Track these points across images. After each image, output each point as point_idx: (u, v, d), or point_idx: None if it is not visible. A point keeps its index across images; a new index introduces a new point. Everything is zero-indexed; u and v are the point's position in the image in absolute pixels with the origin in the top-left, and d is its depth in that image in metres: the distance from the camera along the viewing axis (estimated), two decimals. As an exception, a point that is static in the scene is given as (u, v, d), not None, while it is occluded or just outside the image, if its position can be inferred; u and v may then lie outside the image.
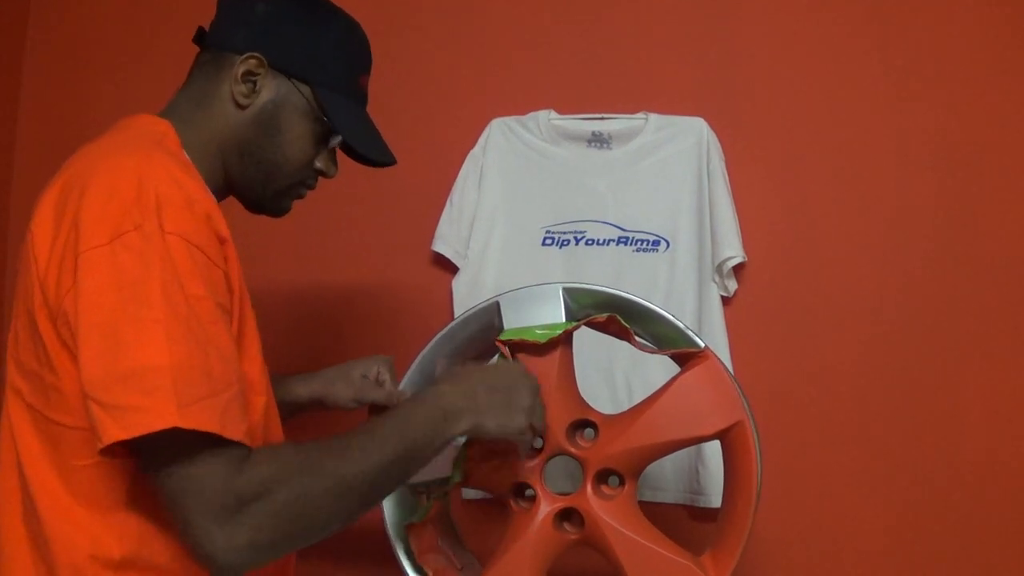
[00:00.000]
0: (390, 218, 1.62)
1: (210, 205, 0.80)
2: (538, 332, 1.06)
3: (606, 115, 1.54)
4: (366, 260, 1.62)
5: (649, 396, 1.09)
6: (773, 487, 1.32)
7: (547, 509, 1.06)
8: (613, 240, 1.50)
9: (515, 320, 1.09)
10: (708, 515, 1.45)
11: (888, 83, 1.52)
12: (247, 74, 0.91)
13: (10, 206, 1.73)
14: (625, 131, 1.52)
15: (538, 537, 1.06)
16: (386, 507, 1.12)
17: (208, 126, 0.91)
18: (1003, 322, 1.45)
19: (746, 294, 1.50)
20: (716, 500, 1.40)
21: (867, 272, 1.49)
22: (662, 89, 1.56)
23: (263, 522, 0.73)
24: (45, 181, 0.83)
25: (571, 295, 1.10)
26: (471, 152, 1.56)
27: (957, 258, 1.47)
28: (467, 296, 1.50)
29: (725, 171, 1.49)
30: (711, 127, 1.50)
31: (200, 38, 0.96)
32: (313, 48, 0.94)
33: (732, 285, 1.48)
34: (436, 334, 1.14)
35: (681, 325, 1.08)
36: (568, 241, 1.51)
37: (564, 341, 1.07)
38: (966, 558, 1.42)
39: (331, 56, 0.95)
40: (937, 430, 1.44)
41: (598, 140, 1.53)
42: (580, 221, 1.51)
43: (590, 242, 1.50)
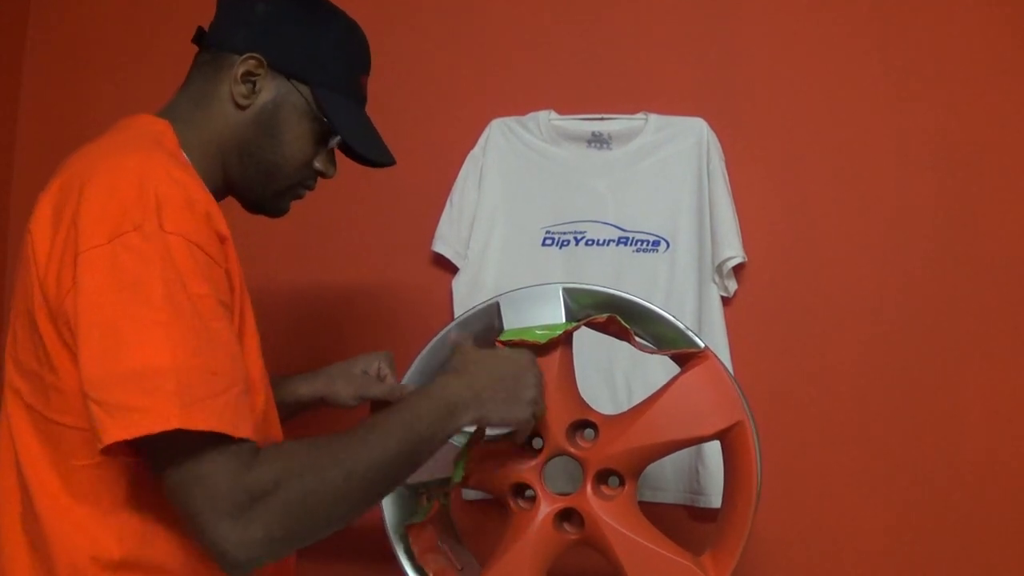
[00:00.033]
0: (390, 218, 1.62)
1: (210, 204, 0.80)
2: (538, 332, 1.06)
3: (606, 115, 1.53)
4: (366, 260, 1.62)
5: (649, 396, 1.09)
6: (773, 487, 1.32)
7: (547, 509, 1.06)
8: (613, 240, 1.50)
9: (515, 320, 1.09)
10: (708, 515, 1.45)
11: (888, 83, 1.52)
12: (247, 74, 0.91)
13: (10, 206, 1.73)
14: (625, 131, 1.52)
15: (538, 537, 1.06)
16: (386, 507, 1.12)
17: (207, 126, 0.91)
18: (1003, 322, 1.45)
19: (746, 294, 1.50)
20: (716, 500, 1.40)
21: (867, 272, 1.49)
22: (662, 89, 1.56)
23: (276, 517, 0.73)
24: (45, 181, 0.83)
25: (571, 295, 1.10)
26: (471, 152, 1.56)
27: (957, 258, 1.47)
28: (467, 296, 1.50)
29: (725, 171, 1.49)
30: (711, 127, 1.50)
31: (199, 38, 0.96)
32: (313, 48, 0.94)
33: (732, 285, 1.48)
34: (436, 334, 1.14)
35: (681, 325, 1.08)
36: (568, 241, 1.51)
37: (564, 341, 1.07)
38: (966, 558, 1.42)
39: (331, 56, 0.95)
40: (937, 430, 1.44)
41: (598, 140, 1.53)
42: (580, 221, 1.51)
43: (590, 242, 1.50)
